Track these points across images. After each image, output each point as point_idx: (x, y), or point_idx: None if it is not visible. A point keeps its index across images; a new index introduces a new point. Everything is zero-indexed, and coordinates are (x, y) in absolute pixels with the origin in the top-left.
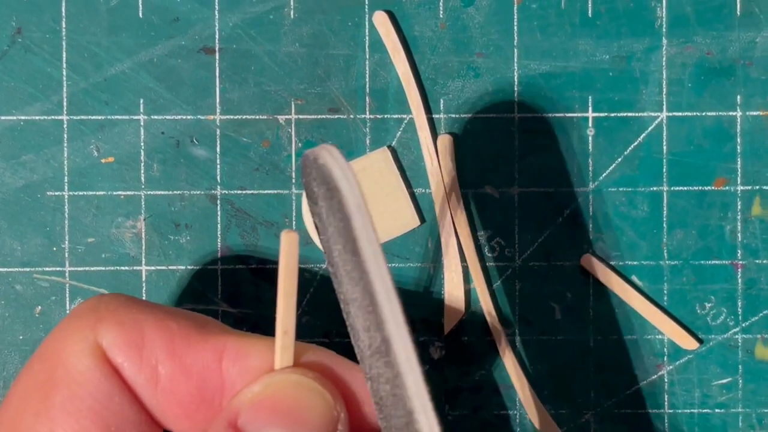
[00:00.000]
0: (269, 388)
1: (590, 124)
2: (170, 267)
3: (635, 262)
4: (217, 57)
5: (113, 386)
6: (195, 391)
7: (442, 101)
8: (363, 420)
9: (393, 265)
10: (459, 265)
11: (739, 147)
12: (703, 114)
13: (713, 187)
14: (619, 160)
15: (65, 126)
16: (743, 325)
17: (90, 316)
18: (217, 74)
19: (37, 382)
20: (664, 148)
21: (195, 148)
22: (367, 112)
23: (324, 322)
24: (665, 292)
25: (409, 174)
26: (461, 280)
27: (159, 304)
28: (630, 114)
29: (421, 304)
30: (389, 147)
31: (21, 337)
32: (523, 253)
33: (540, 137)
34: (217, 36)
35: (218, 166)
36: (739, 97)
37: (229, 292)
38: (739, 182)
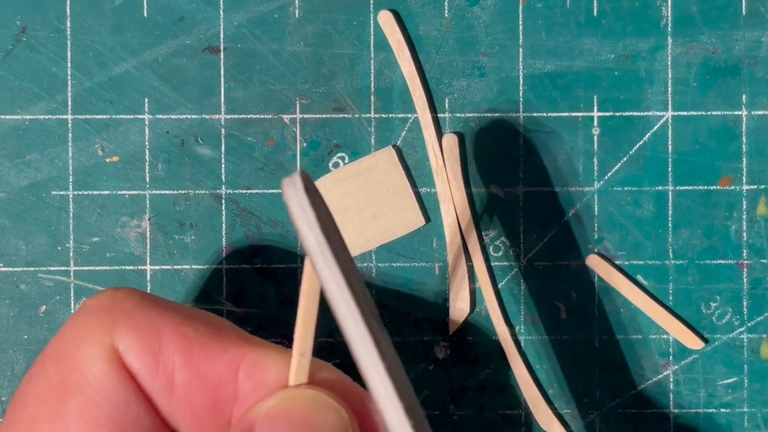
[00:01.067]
0: (285, 401)
1: (595, 124)
2: (175, 266)
3: (640, 262)
4: (222, 56)
5: (130, 393)
6: (209, 400)
7: (447, 100)
8: None
9: (398, 264)
10: (464, 265)
11: (744, 146)
12: (709, 113)
13: (718, 187)
14: (625, 159)
15: (70, 125)
16: (749, 324)
17: (105, 317)
18: (222, 73)
19: (51, 386)
20: (670, 147)
21: (200, 147)
22: (372, 112)
23: (329, 321)
24: (670, 291)
25: (414, 173)
26: (466, 280)
27: (174, 303)
28: (635, 113)
29: (426, 304)
30: (394, 146)
31: (26, 337)
32: (529, 252)
33: (545, 136)
34: (222, 35)
35: (223, 166)
36: (744, 96)
37: (233, 292)
38: (744, 182)
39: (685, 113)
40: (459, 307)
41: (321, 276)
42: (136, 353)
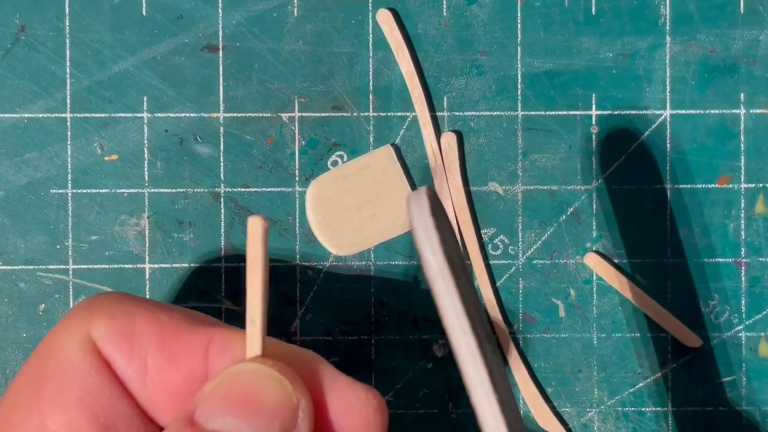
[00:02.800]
0: (225, 378)
1: (594, 122)
2: (174, 265)
3: (639, 260)
4: (220, 55)
5: (103, 378)
6: (183, 382)
7: (445, 99)
8: (329, 419)
9: (396, 262)
10: None
11: (742, 145)
12: (707, 112)
13: (717, 185)
14: (623, 157)
15: (69, 124)
16: (747, 322)
17: (83, 311)
18: (221, 72)
19: (30, 376)
20: (668, 145)
21: (198, 145)
22: (371, 110)
23: (327, 319)
24: (669, 290)
25: (413, 172)
26: None
27: (154, 300)
28: (633, 112)
29: (425, 302)
30: (393, 145)
31: (24, 335)
32: (527, 250)
33: (543, 135)
34: (220, 34)
35: (222, 164)
36: (742, 94)
37: (232, 290)
38: (742, 180)
39: (684, 112)
40: None
41: (440, 302)
42: (110, 339)
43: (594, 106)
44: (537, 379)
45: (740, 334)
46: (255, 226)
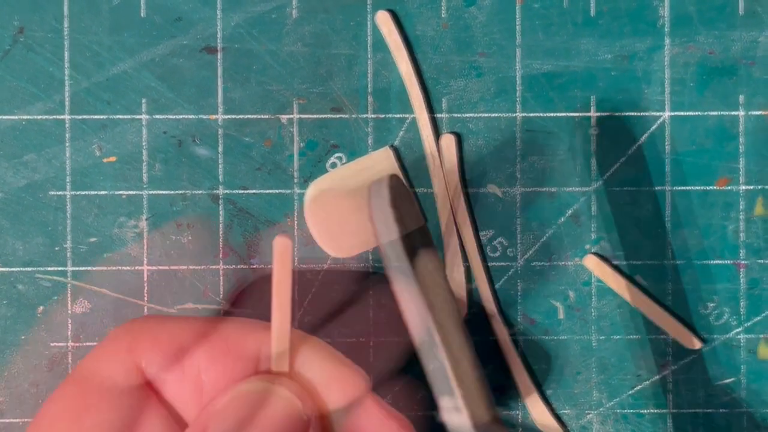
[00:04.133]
0: (235, 398)
1: (593, 124)
2: (172, 267)
3: (638, 262)
4: (219, 56)
5: (145, 410)
6: None
7: (444, 101)
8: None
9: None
10: (461, 265)
11: (741, 147)
12: (706, 113)
13: (716, 187)
14: (622, 159)
15: (67, 125)
16: (746, 324)
17: (125, 337)
18: (220, 74)
19: (69, 405)
20: (667, 147)
21: (197, 147)
22: (370, 112)
23: (325, 321)
24: (668, 291)
25: (412, 174)
26: (463, 280)
27: (197, 316)
28: (632, 113)
29: None
30: (392, 146)
31: (23, 337)
32: (526, 252)
33: (542, 137)
34: (219, 35)
35: (220, 166)
36: (741, 96)
37: (231, 292)
38: (741, 182)
39: (683, 113)
40: None
41: (400, 298)
42: (160, 364)
43: (593, 108)
44: (536, 380)
45: (739, 336)
46: (282, 247)
